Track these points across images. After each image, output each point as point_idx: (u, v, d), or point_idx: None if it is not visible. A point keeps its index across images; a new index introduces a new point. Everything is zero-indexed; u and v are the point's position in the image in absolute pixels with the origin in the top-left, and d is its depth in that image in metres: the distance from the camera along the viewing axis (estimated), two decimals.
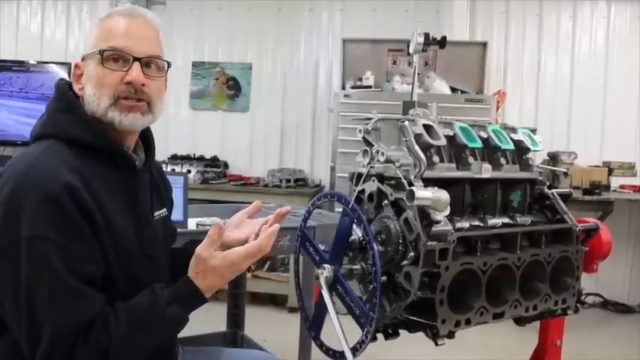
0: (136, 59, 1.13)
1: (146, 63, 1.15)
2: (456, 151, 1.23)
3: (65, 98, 1.16)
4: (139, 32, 1.16)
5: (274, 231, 1.12)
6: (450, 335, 1.08)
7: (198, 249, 1.08)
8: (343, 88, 4.16)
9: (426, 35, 1.65)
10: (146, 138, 1.29)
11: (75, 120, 1.13)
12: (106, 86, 1.12)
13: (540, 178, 1.35)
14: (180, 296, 1.07)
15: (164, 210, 1.33)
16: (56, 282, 0.98)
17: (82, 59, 1.17)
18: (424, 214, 1.06)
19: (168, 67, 1.21)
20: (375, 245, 1.06)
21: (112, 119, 1.12)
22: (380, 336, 1.14)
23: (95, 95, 1.13)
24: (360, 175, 1.18)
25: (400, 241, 1.08)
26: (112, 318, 1.01)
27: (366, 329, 1.06)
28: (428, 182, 1.10)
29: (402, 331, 1.16)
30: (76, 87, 1.17)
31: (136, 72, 1.13)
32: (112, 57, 1.13)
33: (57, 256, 0.98)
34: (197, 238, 1.36)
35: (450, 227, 1.08)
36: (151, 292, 1.06)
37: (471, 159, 1.23)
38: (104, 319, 1.00)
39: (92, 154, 1.12)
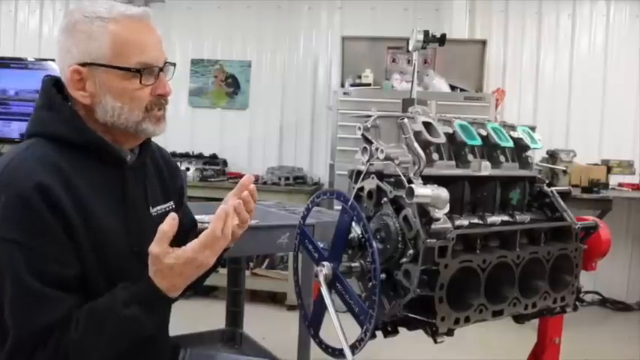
0: (160, 69, 1.14)
1: (165, 70, 1.16)
2: (455, 148, 1.23)
3: (48, 96, 1.13)
4: (155, 39, 1.15)
5: (225, 212, 1.03)
6: (449, 333, 1.08)
7: (151, 246, 1.00)
8: (342, 85, 4.16)
9: (426, 32, 1.65)
10: None
11: (57, 118, 1.11)
12: (137, 100, 1.12)
13: (540, 175, 1.35)
14: (139, 296, 1.01)
15: (169, 204, 1.29)
16: (18, 286, 0.97)
17: (84, 64, 1.09)
18: (423, 211, 1.06)
19: (174, 69, 1.21)
20: (374, 243, 1.06)
21: (145, 129, 1.14)
22: (379, 334, 1.14)
23: (123, 109, 1.11)
24: (359, 173, 1.18)
25: (399, 238, 1.08)
26: (74, 320, 0.99)
27: (365, 327, 1.06)
28: (427, 180, 1.10)
29: (401, 329, 1.16)
30: (76, 93, 1.11)
31: (165, 83, 1.15)
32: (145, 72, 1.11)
33: (22, 259, 0.97)
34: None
35: (449, 225, 1.08)
36: (112, 292, 1.02)
37: (470, 156, 1.23)
38: (67, 321, 0.98)
39: (77, 151, 1.10)
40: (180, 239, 1.05)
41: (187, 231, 1.26)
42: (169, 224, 1.01)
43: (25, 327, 0.97)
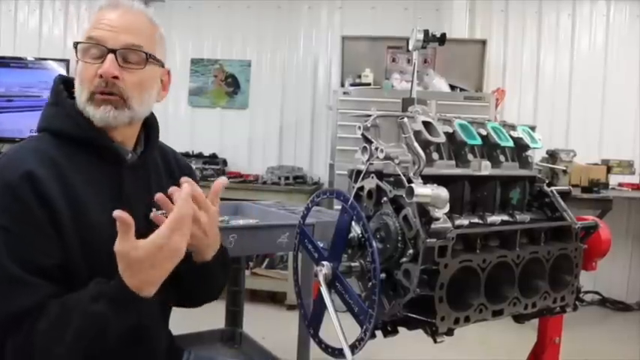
0: (110, 51, 1.10)
1: (124, 55, 1.11)
2: (455, 148, 1.23)
3: (55, 93, 1.17)
4: (119, 22, 1.12)
5: (187, 191, 1.00)
6: (449, 332, 1.08)
7: (115, 245, 0.95)
8: (342, 85, 4.16)
9: (426, 32, 1.65)
10: (148, 132, 1.26)
11: (62, 113, 1.14)
12: (85, 80, 1.11)
13: (540, 175, 1.34)
14: (108, 293, 0.97)
15: None
16: None
17: None
18: (423, 211, 1.06)
19: (148, 58, 1.15)
20: (373, 242, 1.06)
21: (88, 114, 1.11)
22: (379, 333, 1.14)
23: (78, 90, 1.13)
24: (359, 172, 1.18)
25: (399, 238, 1.08)
26: (47, 310, 0.98)
27: (364, 326, 1.06)
28: (427, 179, 1.10)
29: (400, 329, 1.16)
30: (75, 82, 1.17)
31: (107, 64, 1.09)
32: (88, 49, 1.11)
33: (4, 243, 0.99)
34: None
35: (449, 224, 1.08)
36: (87, 287, 1.01)
37: (470, 156, 1.23)
38: (40, 310, 0.98)
39: (77, 146, 1.12)
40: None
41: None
42: (122, 220, 0.93)
43: (1, 310, 0.98)
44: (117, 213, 0.93)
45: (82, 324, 0.97)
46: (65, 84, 1.19)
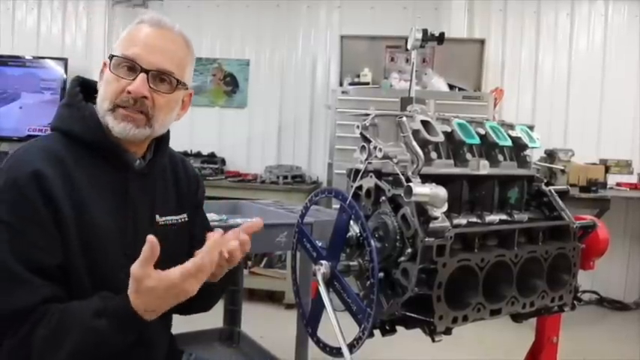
0: (143, 70, 1.11)
1: (156, 77, 1.13)
2: (453, 147, 1.23)
3: (70, 95, 1.19)
4: (157, 44, 1.14)
5: (215, 242, 1.00)
6: (447, 332, 1.08)
7: (133, 266, 0.95)
8: (341, 84, 4.17)
9: (424, 31, 1.64)
10: (159, 139, 1.26)
11: (74, 115, 1.15)
12: (110, 91, 1.12)
13: (538, 175, 1.35)
14: (112, 311, 0.98)
15: (183, 216, 1.28)
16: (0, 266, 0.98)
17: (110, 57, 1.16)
18: (422, 210, 1.06)
19: (178, 84, 1.16)
20: (372, 241, 1.06)
21: (106, 124, 1.13)
22: (377, 332, 1.14)
23: (101, 97, 1.14)
24: (357, 172, 1.18)
25: (398, 237, 1.08)
26: (48, 315, 0.98)
27: (363, 325, 1.06)
28: (426, 178, 1.10)
29: (399, 328, 1.16)
30: (99, 83, 1.18)
31: (138, 82, 1.11)
32: (122, 64, 1.12)
33: (8, 239, 1.00)
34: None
35: (447, 224, 1.08)
36: (92, 299, 1.01)
37: (468, 155, 1.23)
38: (42, 314, 0.98)
39: (86, 149, 1.13)
40: (188, 250, 1.06)
41: (200, 242, 1.15)
42: (149, 249, 0.93)
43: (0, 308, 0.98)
44: (150, 237, 0.93)
45: (81, 338, 0.97)
46: (82, 85, 1.19)
